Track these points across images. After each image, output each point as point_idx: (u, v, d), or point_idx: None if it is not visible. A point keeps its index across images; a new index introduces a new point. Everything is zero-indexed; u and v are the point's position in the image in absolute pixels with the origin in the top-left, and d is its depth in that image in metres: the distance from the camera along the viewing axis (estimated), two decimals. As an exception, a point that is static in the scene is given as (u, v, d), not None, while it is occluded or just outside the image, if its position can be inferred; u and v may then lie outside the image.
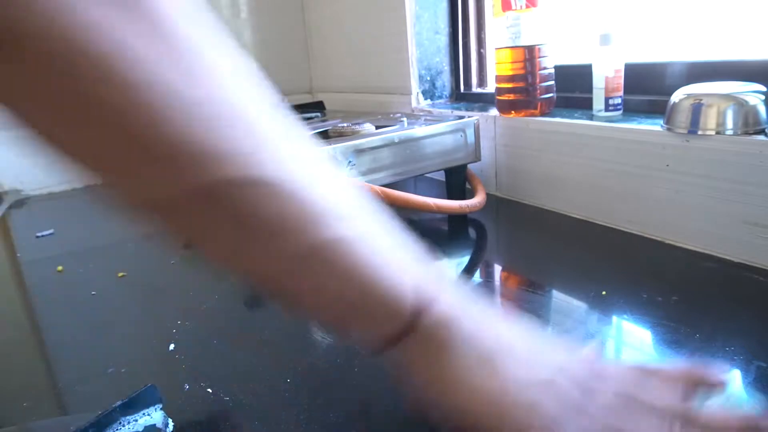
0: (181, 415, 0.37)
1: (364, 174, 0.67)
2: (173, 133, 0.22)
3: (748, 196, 0.52)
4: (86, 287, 0.62)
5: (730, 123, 0.52)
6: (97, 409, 0.33)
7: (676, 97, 0.56)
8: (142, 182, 0.23)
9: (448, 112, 0.90)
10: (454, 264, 0.60)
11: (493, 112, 0.81)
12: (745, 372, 0.37)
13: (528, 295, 0.51)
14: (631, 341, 0.42)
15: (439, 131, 0.73)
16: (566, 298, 0.50)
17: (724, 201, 0.54)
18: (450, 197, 0.78)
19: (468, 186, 0.80)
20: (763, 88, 0.53)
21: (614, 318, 0.46)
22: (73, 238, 0.81)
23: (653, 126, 0.59)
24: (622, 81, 0.68)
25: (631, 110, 0.70)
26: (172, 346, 0.47)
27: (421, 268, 0.27)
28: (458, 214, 0.72)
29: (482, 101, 0.97)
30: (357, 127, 0.73)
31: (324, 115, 0.96)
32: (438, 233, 0.70)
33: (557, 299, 0.50)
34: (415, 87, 0.99)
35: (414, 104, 1.00)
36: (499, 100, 0.77)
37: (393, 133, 0.69)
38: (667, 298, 0.48)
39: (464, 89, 1.02)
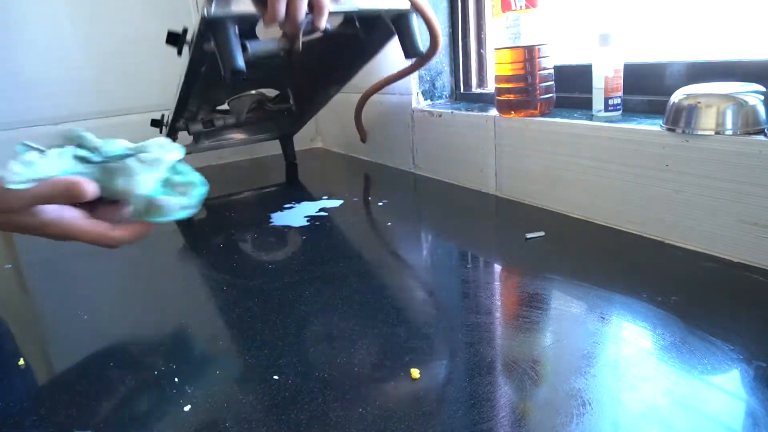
0: (182, 416, 0.37)
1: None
2: None
3: (747, 196, 0.52)
4: (87, 287, 0.62)
5: (729, 123, 0.53)
6: (97, 410, 0.33)
7: (676, 97, 0.57)
8: None
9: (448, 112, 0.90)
10: (454, 264, 0.60)
11: (493, 112, 0.81)
12: (745, 372, 0.37)
13: (528, 295, 0.51)
14: (631, 341, 0.42)
15: None
16: (566, 298, 0.50)
17: (724, 201, 0.54)
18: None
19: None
20: (762, 88, 0.53)
21: (614, 318, 0.46)
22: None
23: (653, 126, 0.60)
24: (621, 81, 0.68)
25: (630, 110, 0.70)
26: (171, 347, 0.47)
27: None
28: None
29: (482, 101, 0.97)
30: None
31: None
32: (439, 233, 0.70)
33: (557, 299, 0.50)
34: (415, 87, 0.99)
35: (414, 104, 1.00)
36: (498, 101, 0.77)
37: None
38: (666, 298, 0.48)
39: (464, 89, 1.02)
